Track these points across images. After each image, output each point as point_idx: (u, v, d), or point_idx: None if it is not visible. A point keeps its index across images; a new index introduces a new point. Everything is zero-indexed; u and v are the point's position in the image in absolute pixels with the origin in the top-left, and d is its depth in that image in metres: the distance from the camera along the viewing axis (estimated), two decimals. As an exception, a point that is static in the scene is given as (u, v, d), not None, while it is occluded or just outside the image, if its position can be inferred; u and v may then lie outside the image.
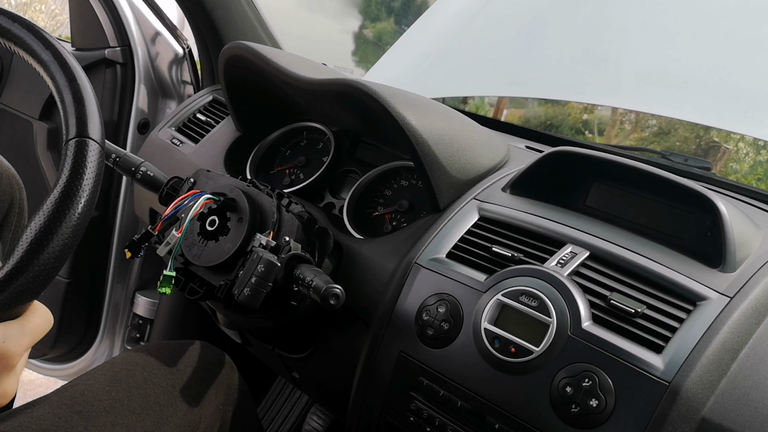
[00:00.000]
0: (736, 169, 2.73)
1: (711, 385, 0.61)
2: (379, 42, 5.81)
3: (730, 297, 0.66)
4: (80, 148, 0.53)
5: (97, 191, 0.54)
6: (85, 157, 0.53)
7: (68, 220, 0.50)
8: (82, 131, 0.54)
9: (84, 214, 0.52)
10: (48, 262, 0.48)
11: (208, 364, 0.87)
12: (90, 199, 0.52)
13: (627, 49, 1.44)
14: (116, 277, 1.60)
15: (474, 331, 0.71)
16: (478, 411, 0.70)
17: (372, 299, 0.83)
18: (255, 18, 1.46)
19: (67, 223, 0.50)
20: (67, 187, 0.51)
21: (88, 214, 0.52)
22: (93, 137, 0.54)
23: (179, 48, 1.55)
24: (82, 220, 0.51)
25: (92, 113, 0.55)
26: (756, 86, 1.24)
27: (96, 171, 0.54)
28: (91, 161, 0.53)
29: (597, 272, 0.72)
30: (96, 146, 0.54)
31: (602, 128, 3.56)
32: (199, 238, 0.82)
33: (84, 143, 0.54)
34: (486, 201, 0.86)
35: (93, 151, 0.54)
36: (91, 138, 0.54)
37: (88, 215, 0.52)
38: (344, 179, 1.09)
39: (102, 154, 0.55)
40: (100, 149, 0.54)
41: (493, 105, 2.55)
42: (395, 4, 6.20)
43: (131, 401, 0.75)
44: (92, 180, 0.53)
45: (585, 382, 0.64)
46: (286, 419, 1.53)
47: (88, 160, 0.53)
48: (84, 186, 0.52)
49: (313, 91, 0.96)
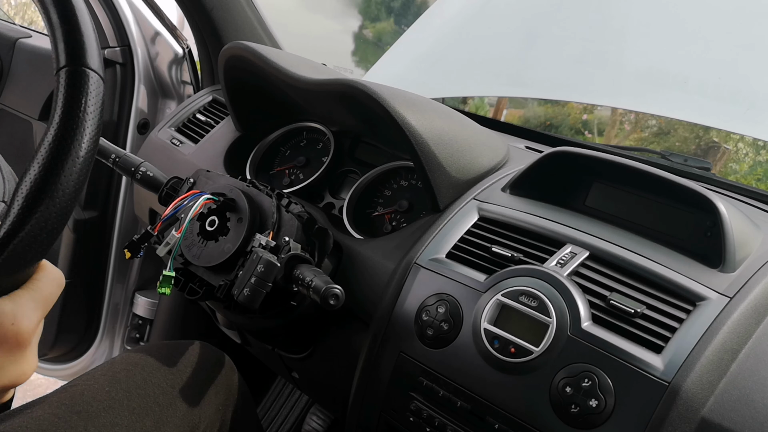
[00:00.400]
0: (735, 170, 2.73)
1: (711, 385, 0.61)
2: (378, 42, 5.81)
3: (730, 297, 0.66)
4: (76, 78, 0.45)
5: (100, 129, 0.45)
6: (83, 89, 0.44)
7: (70, 163, 0.43)
8: (78, 59, 0.45)
9: (87, 155, 0.44)
10: (52, 213, 0.42)
11: (207, 364, 0.87)
12: (93, 138, 0.44)
13: (627, 49, 1.44)
14: (116, 277, 1.60)
15: (474, 331, 0.71)
16: (478, 411, 0.70)
17: (372, 299, 0.83)
18: (255, 18, 1.46)
19: (69, 167, 0.42)
20: (64, 125, 0.43)
21: (91, 156, 0.44)
22: (92, 66, 0.45)
23: (179, 48, 1.55)
24: (85, 162, 0.44)
25: (89, 39, 0.46)
26: (756, 86, 1.24)
27: (98, 106, 0.45)
28: (92, 94, 0.45)
29: (597, 272, 0.72)
30: (96, 78, 0.45)
31: (602, 128, 3.56)
32: (199, 239, 0.82)
33: (81, 73, 0.45)
34: (486, 201, 0.86)
35: (93, 83, 0.45)
36: (90, 68, 0.45)
37: (91, 157, 0.44)
38: (344, 179, 1.09)
39: (102, 87, 0.46)
40: (100, 81, 0.46)
41: (492, 105, 2.55)
42: (395, 5, 6.20)
43: (131, 401, 0.75)
44: (95, 115, 0.44)
45: (584, 382, 0.64)
46: (286, 419, 1.53)
47: (88, 93, 0.44)
48: (86, 121, 0.44)
49: (312, 91, 0.96)
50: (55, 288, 0.47)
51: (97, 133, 0.45)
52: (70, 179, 0.43)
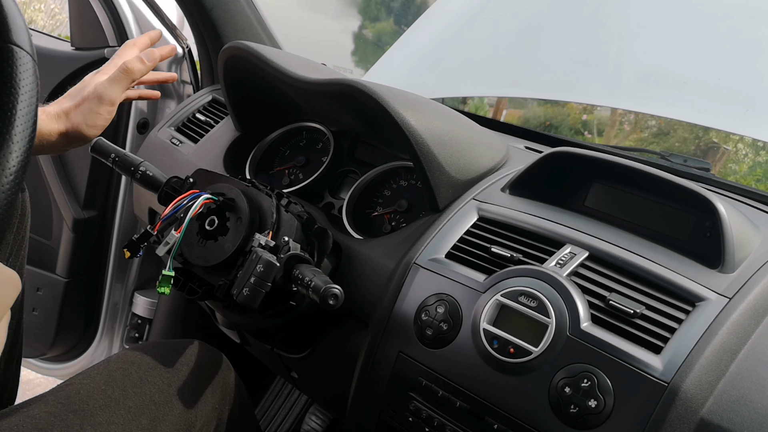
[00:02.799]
0: (735, 170, 2.73)
1: (710, 385, 0.61)
2: (378, 42, 5.81)
3: (729, 298, 0.66)
4: (3, 56, 0.40)
5: (35, 111, 0.41)
6: (13, 67, 0.40)
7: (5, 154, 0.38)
8: (3, 36, 0.41)
9: (24, 138, 0.39)
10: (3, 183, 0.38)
11: (204, 363, 0.87)
12: (28, 118, 0.40)
13: (626, 49, 1.44)
14: (115, 277, 1.60)
15: (473, 331, 0.71)
16: (477, 411, 0.70)
17: (371, 299, 0.83)
18: (254, 18, 1.46)
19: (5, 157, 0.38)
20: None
21: (29, 140, 0.40)
22: (19, 43, 0.41)
23: (179, 48, 1.55)
24: (22, 146, 0.39)
25: (12, 14, 0.42)
26: (755, 87, 1.24)
27: (32, 86, 0.40)
28: (23, 73, 0.40)
29: (596, 273, 0.72)
30: (25, 55, 0.41)
31: (601, 129, 3.56)
32: (198, 238, 0.82)
33: (8, 50, 0.41)
34: (485, 201, 0.86)
35: (23, 60, 0.41)
36: (17, 44, 0.41)
37: (30, 141, 0.40)
38: (343, 179, 1.09)
39: (35, 66, 0.42)
40: (32, 60, 0.42)
41: (492, 105, 2.55)
42: (395, 5, 6.20)
43: (127, 400, 0.75)
44: (28, 95, 0.40)
45: (584, 382, 0.63)
46: (285, 419, 1.53)
47: (17, 71, 0.40)
48: (19, 100, 0.39)
49: (312, 91, 0.96)
50: (10, 289, 0.43)
51: (31, 112, 0.41)
52: (8, 164, 0.39)
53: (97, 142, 0.92)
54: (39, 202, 1.55)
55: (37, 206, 1.54)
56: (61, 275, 1.53)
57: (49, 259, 1.54)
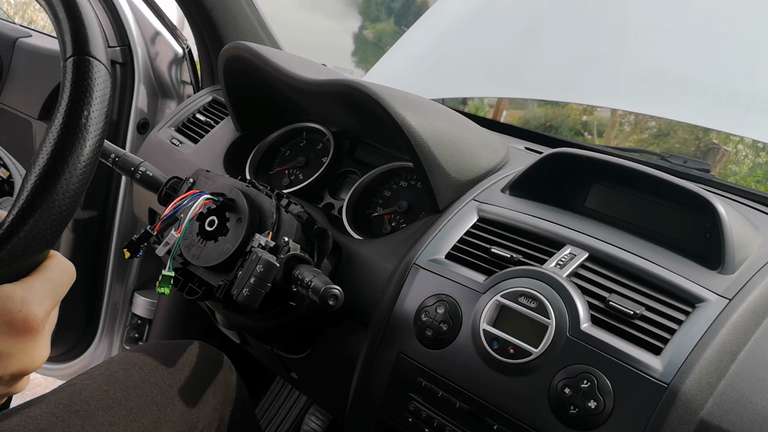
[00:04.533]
0: (735, 171, 2.73)
1: (709, 386, 0.61)
2: (378, 43, 5.81)
3: (729, 299, 0.66)
4: (81, 66, 0.45)
5: (108, 117, 0.46)
6: (90, 76, 0.45)
7: (78, 149, 0.43)
8: (83, 48, 0.46)
9: (95, 141, 0.44)
10: (62, 199, 0.42)
11: (205, 364, 0.87)
12: (100, 123, 0.44)
13: (626, 50, 1.44)
14: (115, 277, 1.60)
15: (473, 332, 0.71)
16: (477, 412, 0.70)
17: (371, 300, 0.83)
18: (255, 18, 1.46)
19: (77, 153, 0.43)
20: (72, 111, 0.43)
21: (100, 141, 0.45)
22: (96, 56, 0.46)
23: (179, 48, 1.55)
24: (93, 148, 0.44)
25: (92, 29, 0.47)
26: (755, 88, 1.24)
27: (104, 92, 0.45)
28: (98, 81, 0.45)
29: (596, 273, 0.72)
30: (101, 67, 0.46)
31: (601, 130, 3.55)
32: (198, 239, 0.82)
33: (86, 61, 0.45)
34: (485, 202, 0.86)
35: (98, 71, 0.46)
36: (94, 57, 0.46)
37: (100, 142, 0.45)
38: (343, 180, 1.09)
39: (108, 77, 0.47)
40: (106, 71, 0.47)
41: (492, 106, 2.55)
42: (395, 5, 6.20)
43: (129, 401, 0.75)
44: (101, 101, 0.45)
45: (583, 383, 0.64)
46: (285, 419, 1.53)
47: (94, 80, 0.45)
48: (93, 108, 0.44)
49: (312, 91, 0.96)
50: (67, 278, 0.46)
51: (105, 119, 0.45)
52: (79, 161, 0.43)
53: None
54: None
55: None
56: (60, 275, 1.53)
57: (49, 259, 1.54)
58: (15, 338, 0.42)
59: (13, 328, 0.41)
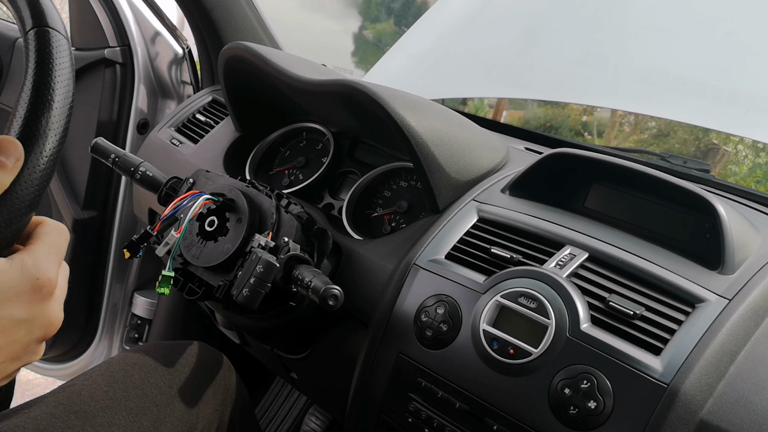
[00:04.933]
0: (735, 172, 2.73)
1: (709, 387, 0.61)
2: (378, 43, 5.81)
3: (729, 299, 0.66)
4: (42, 37, 0.47)
5: (72, 86, 0.47)
6: (51, 47, 0.46)
7: (51, 110, 0.45)
8: (41, 20, 0.47)
9: (61, 110, 0.46)
10: (41, 161, 0.43)
11: (205, 364, 0.87)
12: (65, 93, 0.46)
13: (626, 51, 1.44)
14: (115, 277, 1.60)
15: (473, 332, 0.71)
16: (477, 412, 0.70)
17: (371, 300, 0.83)
18: (255, 18, 1.46)
19: (50, 114, 0.45)
20: (38, 80, 0.45)
21: (67, 111, 0.46)
22: (54, 26, 0.48)
23: (179, 48, 1.55)
24: (60, 115, 0.45)
25: (47, 3, 0.49)
26: (755, 88, 1.24)
27: (68, 63, 0.47)
28: (59, 52, 0.47)
29: (596, 274, 0.72)
30: (61, 37, 0.47)
31: (601, 130, 3.56)
32: (198, 239, 0.82)
33: (45, 33, 0.47)
34: (485, 202, 0.86)
35: (59, 41, 0.47)
36: (52, 27, 0.47)
37: (67, 112, 0.46)
38: (343, 180, 1.09)
39: (69, 47, 0.48)
40: (66, 41, 0.48)
41: (492, 106, 2.55)
42: (395, 5, 6.20)
43: (128, 401, 0.75)
44: (66, 71, 0.46)
45: (583, 383, 0.63)
46: (285, 420, 1.53)
47: (54, 51, 0.46)
48: (56, 77, 0.46)
49: (312, 91, 0.96)
50: (63, 239, 0.48)
51: (68, 87, 0.47)
52: (53, 124, 0.45)
53: (96, 143, 0.92)
54: (39, 203, 1.55)
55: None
56: (60, 275, 1.53)
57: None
58: (37, 304, 0.44)
59: (35, 294, 0.43)
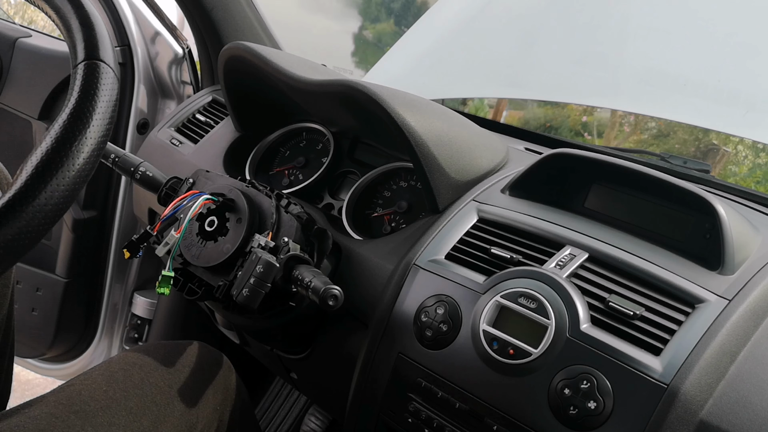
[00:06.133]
0: (734, 172, 2.73)
1: (709, 387, 0.61)
2: (378, 43, 5.80)
3: (729, 299, 0.66)
4: (91, 70, 0.47)
5: (113, 120, 0.47)
6: (98, 79, 0.46)
7: (79, 146, 0.43)
8: (93, 53, 0.47)
9: (97, 141, 0.44)
10: (57, 191, 0.42)
11: (205, 364, 0.87)
12: (104, 125, 0.45)
13: (626, 51, 1.44)
14: (115, 277, 1.60)
15: (473, 332, 0.71)
16: (477, 412, 0.70)
17: (370, 300, 0.83)
18: (255, 18, 1.46)
19: (77, 149, 0.43)
20: (77, 110, 0.44)
21: (102, 142, 0.45)
22: (105, 60, 0.48)
23: (179, 48, 1.55)
24: (95, 147, 0.44)
25: (102, 36, 0.49)
26: (755, 89, 1.25)
27: (110, 96, 0.47)
28: (105, 84, 0.46)
29: (596, 274, 0.72)
30: (109, 70, 0.47)
31: (601, 130, 3.56)
32: (198, 239, 0.82)
33: (95, 66, 0.47)
34: (485, 202, 0.86)
35: (106, 74, 0.47)
36: (103, 61, 0.47)
37: (103, 143, 0.45)
38: (343, 180, 1.09)
39: (116, 81, 0.48)
40: (114, 75, 0.48)
41: (492, 106, 2.55)
42: (395, 6, 6.19)
43: (128, 401, 0.74)
44: (107, 104, 0.46)
45: (583, 384, 0.64)
46: (285, 420, 1.53)
47: (101, 83, 0.46)
48: (97, 109, 0.45)
49: (312, 91, 0.96)
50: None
51: (109, 120, 0.46)
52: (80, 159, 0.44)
53: None
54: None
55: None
56: (60, 275, 1.53)
57: (49, 259, 1.54)
58: None
59: None
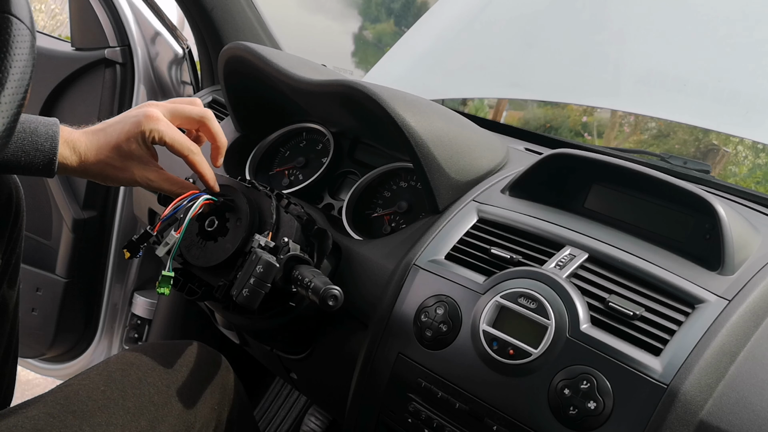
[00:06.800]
0: (734, 172, 2.73)
1: (709, 387, 0.61)
2: (378, 43, 5.81)
3: (729, 300, 0.66)
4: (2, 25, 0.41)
5: (28, 83, 0.41)
6: (8, 35, 0.40)
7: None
8: (3, 6, 0.41)
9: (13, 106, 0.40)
10: None
11: (203, 364, 0.87)
12: (17, 88, 0.40)
13: (626, 51, 1.44)
14: (115, 277, 1.60)
15: (472, 332, 0.71)
16: (477, 413, 0.70)
17: (370, 300, 0.83)
18: (255, 19, 1.46)
19: None
20: None
21: (19, 106, 0.41)
22: (17, 14, 0.41)
23: (179, 48, 1.55)
24: (11, 113, 0.40)
25: None
26: (755, 89, 1.25)
27: (26, 56, 0.41)
28: (18, 40, 0.40)
29: (595, 274, 0.72)
30: (22, 26, 0.41)
31: (601, 130, 3.56)
32: (198, 239, 0.82)
33: (6, 20, 0.41)
34: (485, 203, 0.86)
35: (19, 30, 0.41)
36: (15, 15, 0.41)
37: (19, 107, 0.41)
38: (343, 180, 1.09)
39: (33, 40, 0.42)
40: (30, 33, 0.42)
41: (492, 107, 2.55)
42: (395, 6, 6.20)
43: (126, 401, 0.74)
44: (23, 63, 0.40)
45: (583, 384, 0.63)
46: (284, 420, 1.53)
47: (12, 39, 0.40)
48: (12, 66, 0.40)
49: (312, 92, 0.96)
50: None
51: (22, 83, 0.41)
52: None
53: None
54: (39, 202, 1.55)
55: (37, 206, 1.54)
56: (60, 275, 1.53)
57: (49, 260, 1.54)
58: None
59: None
